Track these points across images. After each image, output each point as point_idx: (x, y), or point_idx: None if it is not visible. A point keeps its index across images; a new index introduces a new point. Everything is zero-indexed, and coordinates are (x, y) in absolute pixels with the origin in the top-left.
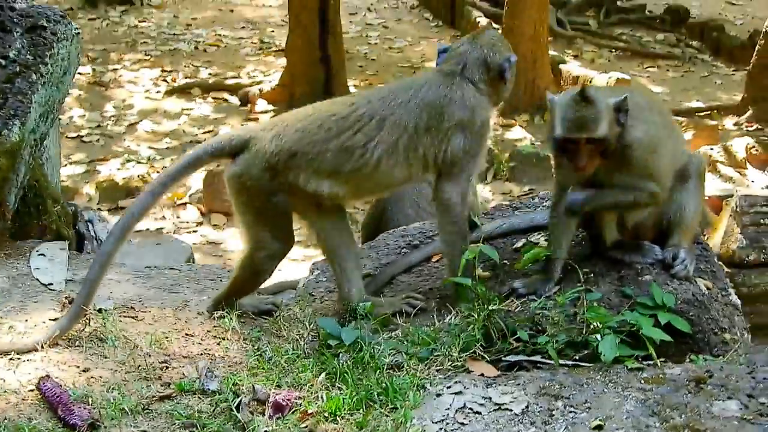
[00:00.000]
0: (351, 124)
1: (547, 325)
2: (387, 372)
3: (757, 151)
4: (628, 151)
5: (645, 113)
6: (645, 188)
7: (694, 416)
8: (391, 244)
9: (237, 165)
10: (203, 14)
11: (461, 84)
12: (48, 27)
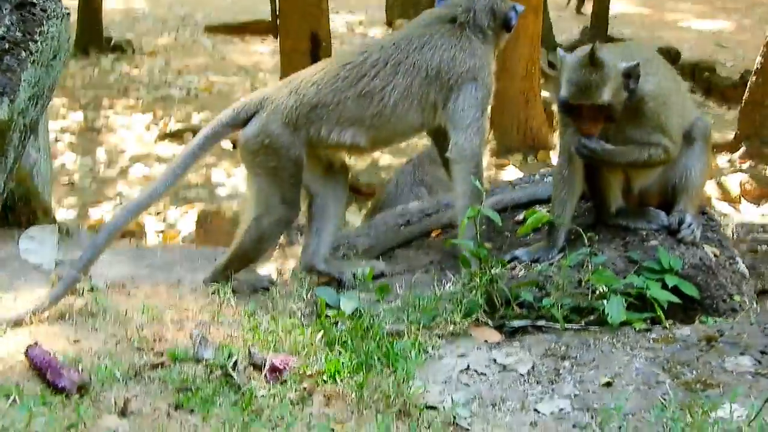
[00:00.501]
0: (367, 70)
1: (551, 289)
2: (388, 339)
3: (751, 186)
4: (641, 104)
5: (654, 65)
6: (659, 143)
7: (706, 371)
8: (389, 222)
9: (254, 125)
10: (195, 61)
11: (470, 33)
12: (38, 3)
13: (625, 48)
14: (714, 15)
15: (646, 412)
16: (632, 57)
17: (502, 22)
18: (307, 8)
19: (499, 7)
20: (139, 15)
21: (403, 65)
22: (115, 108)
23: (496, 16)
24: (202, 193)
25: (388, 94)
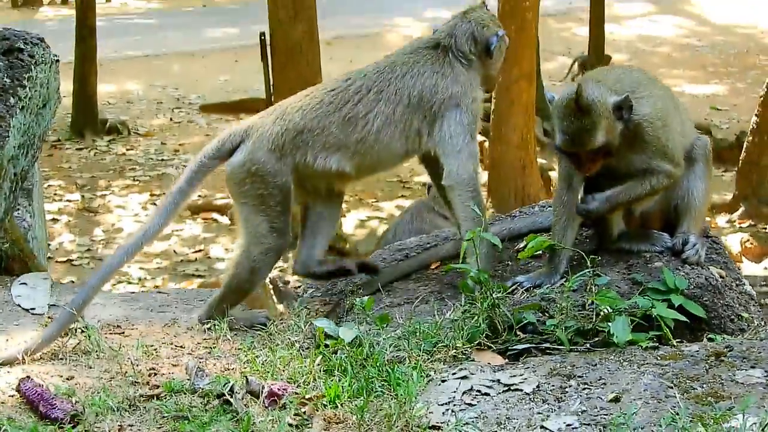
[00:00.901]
0: (351, 96)
1: (554, 312)
2: (388, 365)
3: (752, 245)
4: (639, 129)
5: (648, 88)
6: (662, 169)
7: (717, 384)
8: (387, 258)
9: (240, 153)
10: (191, 140)
11: (452, 59)
12: (25, 50)
13: (612, 73)
14: (707, 80)
15: (656, 425)
16: (621, 83)
17: (484, 47)
18: (300, 85)
19: (480, 33)
20: (133, 97)
21: (386, 92)
22: (111, 188)
23: (477, 42)
24: (201, 269)
25: (372, 121)
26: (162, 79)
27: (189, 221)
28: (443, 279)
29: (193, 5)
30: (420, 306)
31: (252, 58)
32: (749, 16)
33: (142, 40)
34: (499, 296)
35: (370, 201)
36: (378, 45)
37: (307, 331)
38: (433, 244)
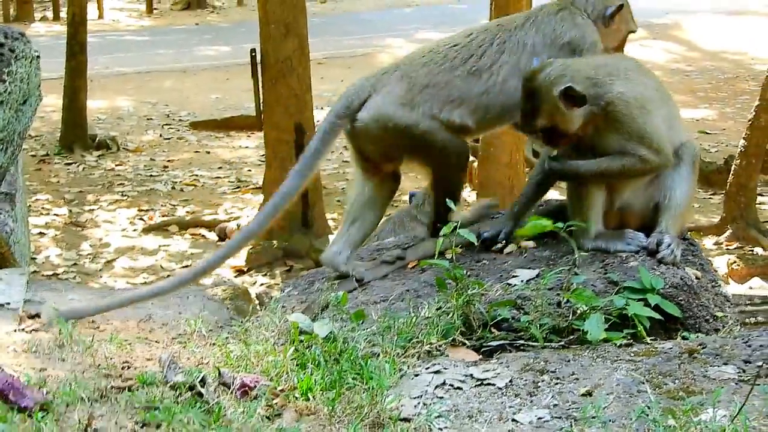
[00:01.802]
0: (474, 50)
1: (530, 309)
2: (362, 360)
3: (738, 266)
4: (611, 107)
5: (631, 74)
6: (636, 151)
7: (689, 380)
8: (365, 257)
9: (370, 109)
10: (180, 156)
11: (572, 11)
12: (5, 44)
13: (598, 60)
14: (697, 104)
15: (627, 419)
16: (600, 69)
17: (601, 13)
18: (290, 100)
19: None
20: (124, 113)
21: (509, 43)
22: (99, 203)
23: (595, 6)
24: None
25: (496, 72)
26: (153, 95)
27: (177, 237)
28: (420, 277)
29: (186, 23)
30: (396, 303)
31: (243, 76)
32: (739, 42)
33: (133, 57)
34: (474, 293)
35: None
36: (369, 65)
37: (282, 327)
38: (410, 244)
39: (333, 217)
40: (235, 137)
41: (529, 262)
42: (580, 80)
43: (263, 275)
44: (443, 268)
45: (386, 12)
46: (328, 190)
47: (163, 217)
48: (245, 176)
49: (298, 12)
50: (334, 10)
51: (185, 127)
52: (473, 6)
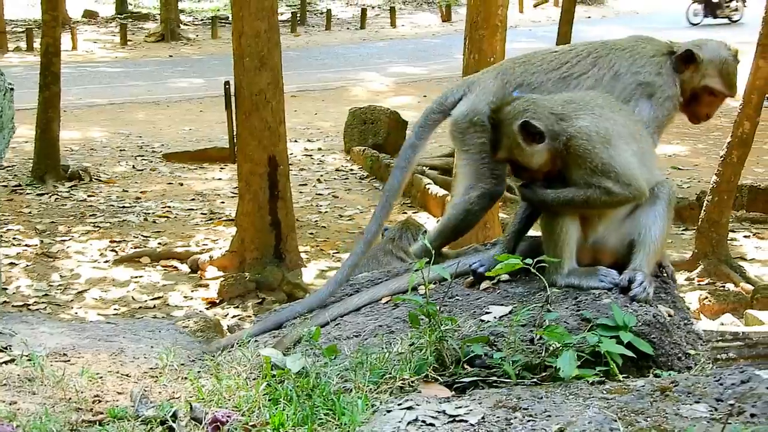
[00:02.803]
0: (570, 58)
1: (503, 346)
2: (334, 395)
3: (710, 302)
4: (572, 142)
5: (600, 109)
6: (600, 184)
7: (661, 418)
8: (338, 292)
9: (462, 105)
10: (153, 188)
11: (664, 58)
12: None
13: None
14: (670, 140)
15: None
16: (568, 104)
17: (681, 61)
18: (264, 133)
19: (688, 45)
20: (97, 144)
21: (603, 60)
22: (71, 234)
23: (681, 56)
24: (159, 316)
25: (582, 82)
26: (126, 127)
27: (148, 268)
28: (393, 312)
29: (160, 55)
30: (369, 339)
31: (217, 108)
32: None
33: (107, 88)
34: (447, 329)
35: (331, 252)
36: (343, 98)
37: (255, 362)
38: (383, 279)
39: (306, 249)
40: (208, 169)
41: (503, 298)
42: (544, 116)
43: (235, 307)
44: (416, 303)
45: (360, 46)
46: (302, 223)
47: (135, 249)
48: (218, 208)
49: (272, 45)
50: (308, 43)
51: (158, 159)
52: (447, 40)
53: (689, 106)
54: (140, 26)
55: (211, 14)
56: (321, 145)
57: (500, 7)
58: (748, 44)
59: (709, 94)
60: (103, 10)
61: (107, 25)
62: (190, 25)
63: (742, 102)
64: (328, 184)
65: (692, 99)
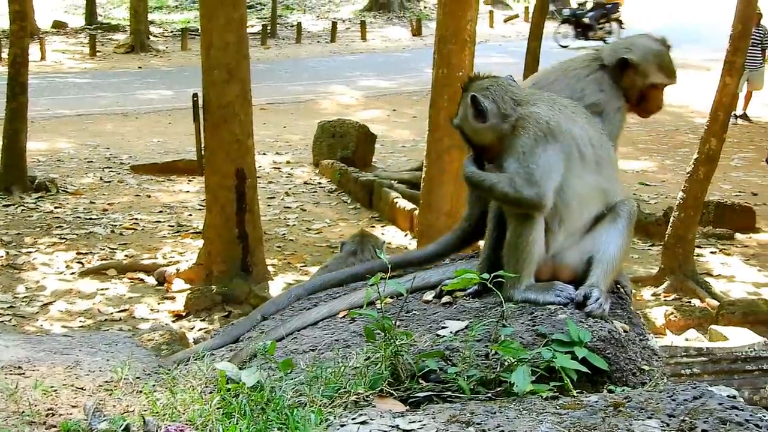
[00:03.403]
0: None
1: (457, 361)
2: (288, 409)
3: (676, 318)
4: (519, 123)
5: (563, 108)
6: (511, 170)
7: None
8: (296, 306)
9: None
10: (120, 200)
11: (600, 73)
12: None
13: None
14: (638, 156)
15: None
16: (532, 95)
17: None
18: (232, 145)
19: (617, 52)
20: (64, 155)
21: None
22: (37, 246)
23: (612, 60)
24: (125, 328)
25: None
26: (94, 138)
27: (115, 281)
28: (350, 327)
29: (129, 66)
30: (325, 353)
31: (185, 120)
32: (680, 96)
33: (75, 99)
34: (403, 343)
35: (298, 265)
36: (312, 111)
37: (210, 375)
38: (342, 293)
39: (273, 262)
40: (176, 181)
41: (459, 313)
42: (500, 97)
43: (201, 320)
44: (372, 318)
45: (330, 59)
46: (269, 236)
47: (102, 261)
48: (185, 221)
49: (240, 58)
50: (278, 56)
51: (126, 171)
52: (417, 54)
53: (639, 105)
54: (110, 37)
55: (181, 26)
56: (290, 158)
57: (469, 22)
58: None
59: (654, 89)
60: (73, 20)
61: (76, 36)
62: (159, 36)
63: (708, 119)
64: (297, 197)
65: (640, 98)
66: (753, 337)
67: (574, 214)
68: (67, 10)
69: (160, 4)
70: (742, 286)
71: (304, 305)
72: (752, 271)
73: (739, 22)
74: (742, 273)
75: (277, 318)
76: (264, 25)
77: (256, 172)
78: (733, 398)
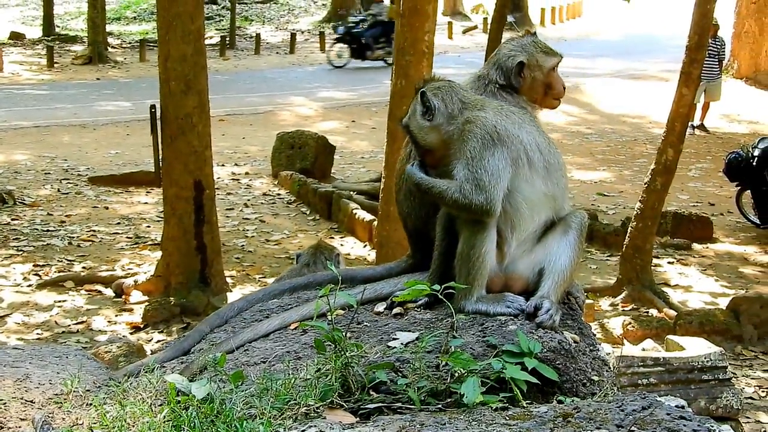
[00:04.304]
0: None
1: (408, 372)
2: (238, 422)
3: (633, 327)
4: (466, 126)
5: (512, 114)
6: (459, 177)
7: None
8: (247, 318)
9: None
10: (78, 211)
11: (491, 87)
12: None
13: (484, 98)
14: (596, 166)
15: None
16: (483, 101)
17: (510, 78)
18: (190, 157)
19: (505, 64)
20: (21, 167)
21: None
22: None
23: (504, 73)
24: (82, 340)
25: None
26: (51, 150)
27: (72, 293)
28: (301, 338)
29: (87, 78)
30: (276, 365)
31: (143, 131)
32: (638, 106)
33: (32, 111)
34: (353, 355)
35: (257, 276)
36: (271, 122)
37: (161, 388)
38: (294, 305)
39: (231, 274)
40: (133, 193)
41: (410, 324)
42: (450, 99)
43: (160, 332)
44: (323, 330)
45: (289, 70)
46: (227, 248)
47: (59, 273)
48: (143, 232)
49: (198, 69)
50: (237, 67)
51: (83, 182)
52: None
53: (546, 96)
54: (67, 48)
55: (140, 37)
56: (248, 169)
57: (427, 33)
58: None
59: (552, 72)
60: (30, 32)
61: (34, 47)
62: (117, 47)
63: (666, 129)
64: (255, 208)
65: (546, 89)
66: (709, 347)
67: (525, 219)
68: (25, 21)
69: (119, 15)
70: (699, 296)
71: (256, 317)
72: (709, 281)
73: (695, 34)
74: (699, 283)
75: (229, 330)
76: (223, 37)
77: (214, 184)
78: (682, 408)
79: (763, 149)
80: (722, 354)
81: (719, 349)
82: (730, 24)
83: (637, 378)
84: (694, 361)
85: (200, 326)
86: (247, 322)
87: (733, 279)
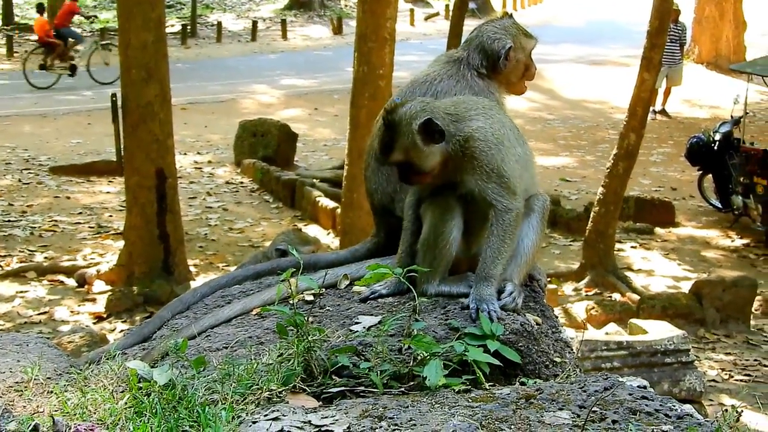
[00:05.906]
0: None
1: (370, 356)
2: (200, 407)
3: (596, 312)
4: (470, 144)
5: (489, 111)
6: (501, 204)
7: (524, 425)
8: (210, 304)
9: None
10: (39, 201)
11: (465, 72)
12: None
13: (457, 99)
14: (558, 152)
15: None
16: (459, 106)
17: (495, 61)
18: (151, 145)
19: (490, 47)
20: None
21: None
22: None
23: (488, 56)
24: (45, 331)
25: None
26: (12, 140)
27: (34, 283)
28: (263, 323)
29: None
30: (238, 350)
31: (105, 120)
32: (600, 92)
33: None
34: (316, 339)
35: (221, 265)
36: (233, 111)
37: (122, 374)
38: (255, 291)
39: (195, 263)
40: (95, 182)
41: (372, 308)
42: (441, 116)
43: (123, 321)
44: (285, 314)
45: (251, 58)
46: (190, 236)
47: (21, 263)
48: (106, 222)
49: (159, 57)
50: (198, 55)
51: (45, 172)
52: (338, 52)
53: (521, 80)
54: (27, 38)
55: (101, 26)
56: (211, 157)
57: (389, 20)
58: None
59: (529, 56)
60: None
61: None
62: None
63: (627, 115)
64: (218, 197)
65: (524, 71)
66: (672, 330)
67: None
68: None
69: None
70: (662, 280)
71: (218, 303)
72: (672, 265)
73: (655, 19)
74: (661, 267)
75: (190, 316)
76: (184, 25)
77: (176, 172)
78: (644, 389)
79: (723, 133)
80: (685, 337)
81: (682, 332)
82: (690, 9)
83: (600, 362)
84: (657, 344)
85: (162, 312)
86: (209, 308)
87: (695, 263)
